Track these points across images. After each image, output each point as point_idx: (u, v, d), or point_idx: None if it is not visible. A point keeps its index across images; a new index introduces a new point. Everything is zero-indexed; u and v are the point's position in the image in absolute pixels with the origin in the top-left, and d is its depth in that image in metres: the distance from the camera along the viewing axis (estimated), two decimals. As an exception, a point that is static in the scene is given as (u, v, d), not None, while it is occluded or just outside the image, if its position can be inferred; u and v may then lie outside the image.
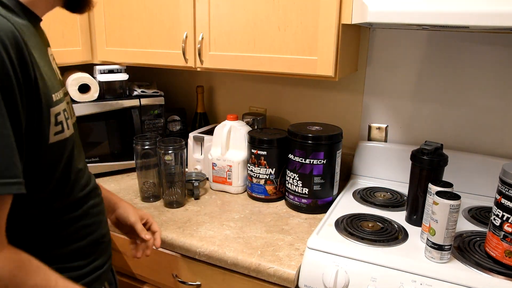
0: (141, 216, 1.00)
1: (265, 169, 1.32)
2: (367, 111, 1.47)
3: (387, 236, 1.04)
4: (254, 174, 1.34)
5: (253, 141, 1.32)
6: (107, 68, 1.50)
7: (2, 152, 0.55)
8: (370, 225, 1.10)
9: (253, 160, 1.34)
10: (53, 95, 0.67)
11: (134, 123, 1.53)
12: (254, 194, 1.36)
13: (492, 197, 1.24)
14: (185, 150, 1.29)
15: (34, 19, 0.70)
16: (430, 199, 1.02)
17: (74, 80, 1.40)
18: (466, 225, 1.13)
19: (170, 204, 1.30)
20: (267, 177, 1.33)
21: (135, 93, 1.57)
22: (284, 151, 1.31)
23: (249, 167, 1.36)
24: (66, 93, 0.77)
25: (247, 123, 1.49)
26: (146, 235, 0.96)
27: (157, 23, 1.35)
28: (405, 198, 1.28)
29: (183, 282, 1.13)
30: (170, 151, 1.25)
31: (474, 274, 0.89)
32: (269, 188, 1.34)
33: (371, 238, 1.03)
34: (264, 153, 1.31)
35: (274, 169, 1.32)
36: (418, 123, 1.40)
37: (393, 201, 1.27)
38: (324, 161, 1.22)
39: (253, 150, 1.33)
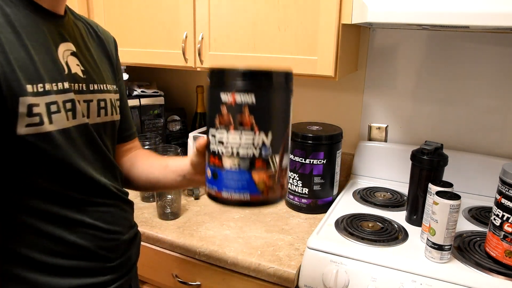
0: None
1: None
2: (367, 111, 1.46)
3: (387, 236, 1.04)
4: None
5: None
6: (107, 68, 1.49)
7: None
8: (370, 225, 1.10)
9: None
10: (28, 85, 0.63)
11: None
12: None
13: (492, 197, 1.24)
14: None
15: (41, 11, 0.70)
16: (430, 199, 1.02)
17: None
18: (466, 225, 1.13)
19: (164, 216, 1.22)
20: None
21: (135, 93, 1.56)
22: None
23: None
24: (80, 91, 0.73)
25: (247, 123, 1.48)
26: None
27: (157, 23, 1.35)
28: (405, 198, 1.28)
29: (183, 282, 1.13)
30: None
31: (474, 274, 0.89)
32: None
33: (371, 238, 1.03)
34: None
35: None
36: (418, 123, 1.40)
37: (393, 201, 1.27)
38: (324, 161, 1.22)
39: None
